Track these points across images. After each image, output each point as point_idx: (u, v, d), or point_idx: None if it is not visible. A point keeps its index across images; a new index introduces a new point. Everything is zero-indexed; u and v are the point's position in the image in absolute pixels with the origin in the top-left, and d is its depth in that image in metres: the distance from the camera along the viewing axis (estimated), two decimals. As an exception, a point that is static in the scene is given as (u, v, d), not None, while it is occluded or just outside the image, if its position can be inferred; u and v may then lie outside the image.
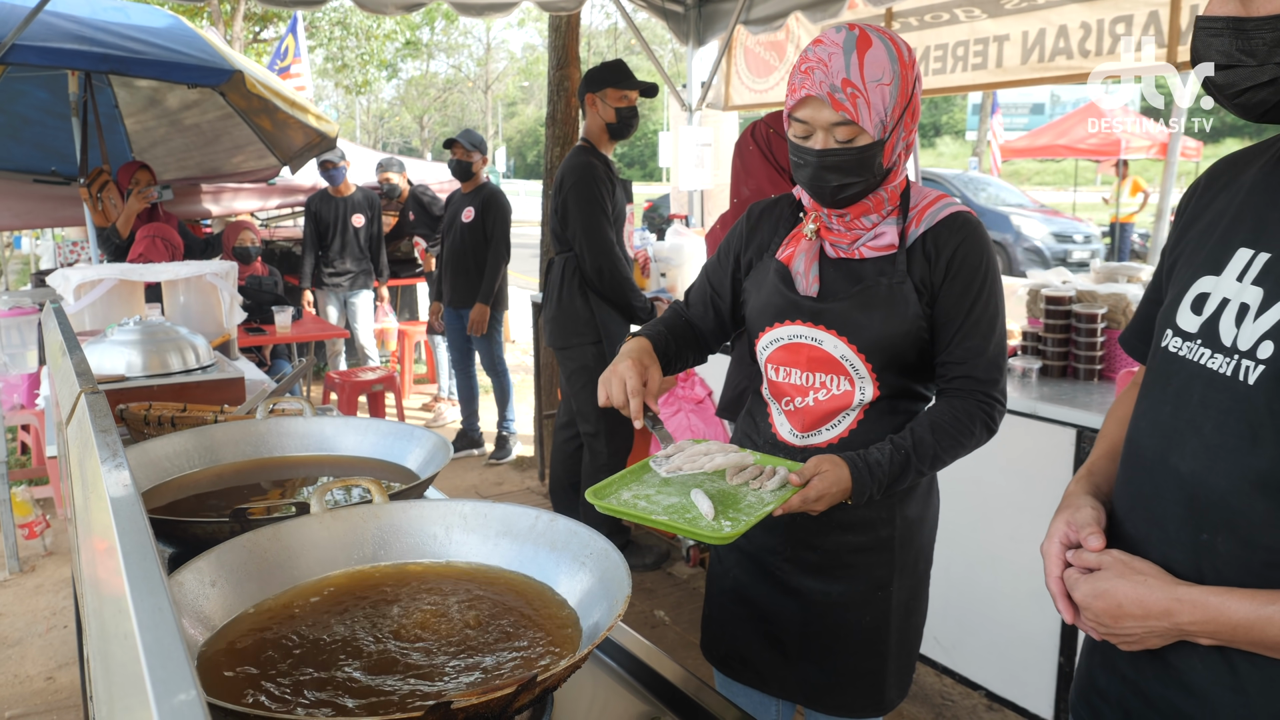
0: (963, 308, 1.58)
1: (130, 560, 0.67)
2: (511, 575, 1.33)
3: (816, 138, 1.53)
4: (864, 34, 1.50)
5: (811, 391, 1.65)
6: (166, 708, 0.50)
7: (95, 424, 1.04)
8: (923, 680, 3.17)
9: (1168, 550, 1.10)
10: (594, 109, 3.91)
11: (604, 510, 1.42)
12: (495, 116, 39.51)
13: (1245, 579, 1.02)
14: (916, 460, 1.55)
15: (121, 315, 3.27)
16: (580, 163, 3.84)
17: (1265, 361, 1.01)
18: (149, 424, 2.13)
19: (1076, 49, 3.86)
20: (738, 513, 1.40)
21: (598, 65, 4.00)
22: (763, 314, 1.68)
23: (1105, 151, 14.35)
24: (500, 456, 5.90)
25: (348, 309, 6.67)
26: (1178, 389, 1.11)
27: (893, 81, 1.49)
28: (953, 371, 1.60)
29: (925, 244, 1.59)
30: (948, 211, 1.61)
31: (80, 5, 4.69)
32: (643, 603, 3.87)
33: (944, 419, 1.58)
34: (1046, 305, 3.03)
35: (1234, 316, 1.06)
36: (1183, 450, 1.09)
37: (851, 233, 1.62)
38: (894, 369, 1.61)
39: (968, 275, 1.58)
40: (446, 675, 1.07)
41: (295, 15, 9.44)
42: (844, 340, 1.60)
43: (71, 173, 5.75)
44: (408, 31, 23.04)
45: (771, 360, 1.69)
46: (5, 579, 4.10)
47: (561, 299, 3.91)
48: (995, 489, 2.88)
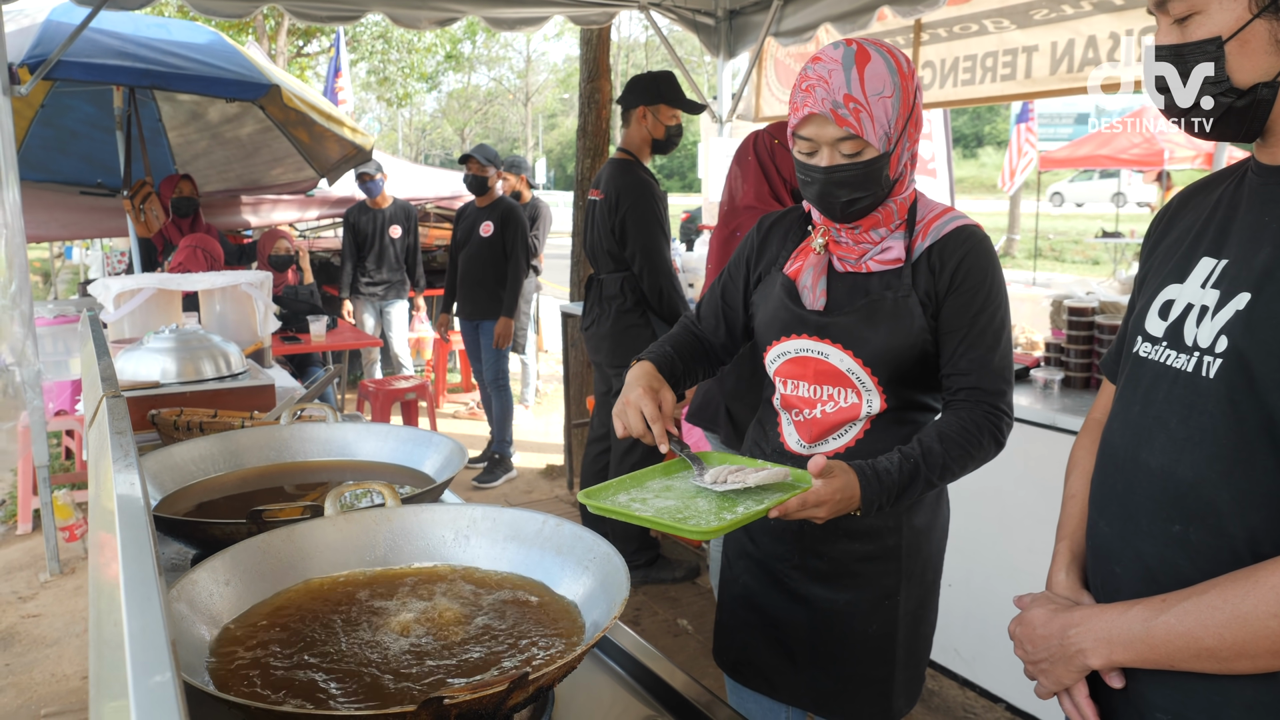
0: (966, 318, 1.59)
1: (127, 551, 0.71)
2: (516, 577, 1.36)
3: (822, 154, 1.54)
4: (862, 48, 1.51)
5: (819, 404, 1.66)
6: (143, 687, 0.53)
7: (112, 426, 1.08)
8: (945, 693, 3.16)
9: (1141, 544, 1.16)
10: (642, 122, 3.86)
11: (595, 510, 1.42)
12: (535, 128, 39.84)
13: (1218, 568, 1.06)
14: (926, 470, 1.54)
15: (160, 323, 3.35)
16: (635, 181, 3.80)
17: (1222, 355, 1.07)
18: (179, 429, 2.19)
19: (1106, 59, 3.84)
20: (733, 514, 1.40)
21: (648, 76, 3.92)
22: (770, 327, 1.70)
23: (1148, 162, 14.13)
24: (489, 480, 5.63)
25: (383, 318, 6.77)
26: (1146, 389, 1.18)
27: (894, 94, 1.51)
28: (958, 383, 1.60)
29: (930, 257, 1.60)
30: (953, 225, 1.62)
31: (124, 22, 4.83)
32: (667, 611, 3.88)
33: (951, 429, 1.57)
34: (1069, 316, 3.01)
35: (1195, 318, 1.12)
36: (1151, 446, 1.15)
37: (860, 246, 1.64)
38: (900, 382, 1.62)
39: (972, 287, 1.58)
40: (443, 672, 1.10)
41: (339, 30, 9.62)
42: (849, 354, 1.61)
43: (116, 185, 5.91)
44: (448, 45, 23.34)
45: (780, 373, 1.71)
46: (46, 580, 4.21)
47: (618, 318, 3.90)
48: (1016, 500, 2.87)
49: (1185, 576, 1.09)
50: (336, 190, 7.09)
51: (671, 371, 1.71)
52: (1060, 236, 22.50)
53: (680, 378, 1.73)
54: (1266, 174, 1.13)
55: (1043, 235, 21.59)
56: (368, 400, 6.02)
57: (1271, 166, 1.12)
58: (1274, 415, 1.03)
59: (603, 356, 4.01)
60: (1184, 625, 1.03)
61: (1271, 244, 1.07)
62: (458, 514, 1.46)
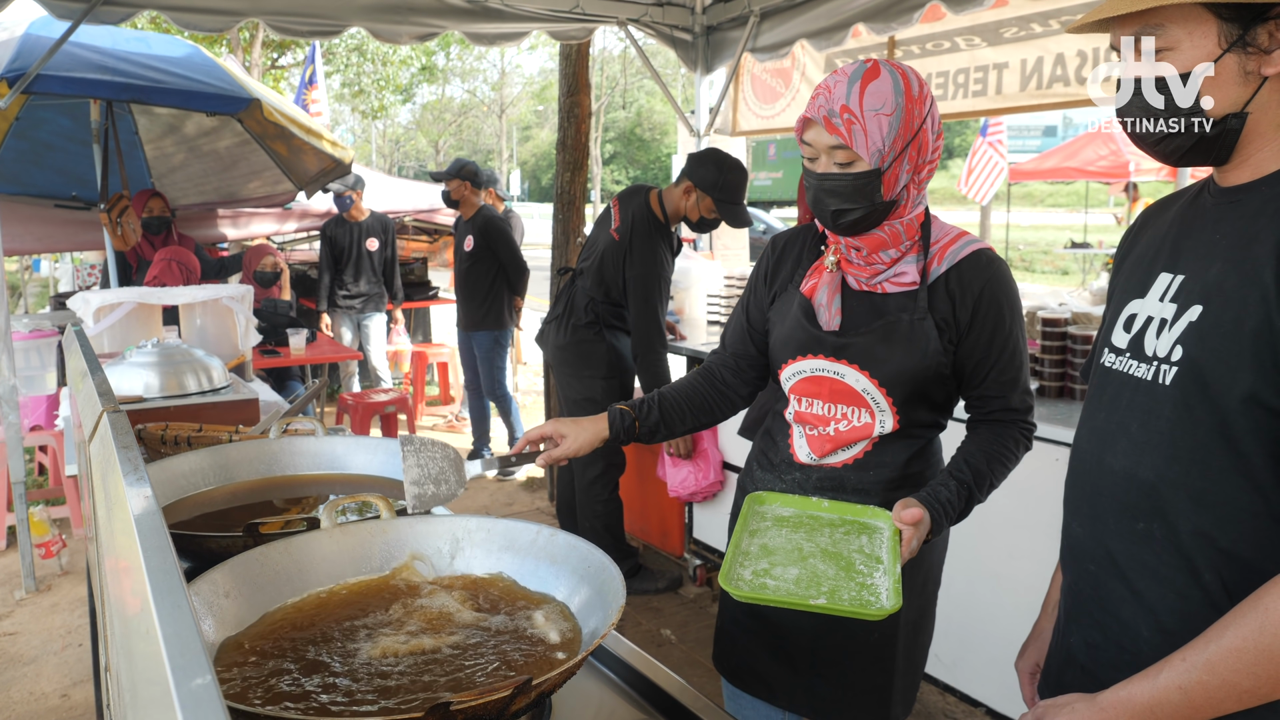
0: (996, 345, 1.64)
1: (151, 562, 0.73)
2: (512, 585, 1.38)
3: (820, 161, 1.58)
4: (875, 66, 1.55)
5: (833, 422, 1.69)
6: (185, 690, 0.55)
7: (118, 440, 1.10)
8: (926, 699, 3.20)
9: (1110, 541, 1.24)
10: (689, 196, 3.75)
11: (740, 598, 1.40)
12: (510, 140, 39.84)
13: (1178, 560, 1.16)
14: (977, 492, 1.62)
15: (140, 338, 3.35)
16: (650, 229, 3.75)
17: (1177, 363, 1.15)
18: (166, 444, 2.20)
19: (1074, 76, 3.93)
20: (865, 577, 1.42)
21: (715, 158, 3.75)
22: (786, 347, 1.71)
23: (1114, 174, 14.37)
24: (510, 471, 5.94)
25: (361, 331, 6.76)
26: (1110, 397, 1.26)
27: (894, 112, 1.53)
28: (991, 405, 1.68)
29: (949, 282, 1.63)
30: (970, 250, 1.65)
31: (102, 36, 4.81)
32: (650, 621, 3.90)
33: (996, 448, 1.65)
34: (1043, 327, 3.07)
35: (1155, 330, 1.20)
36: (1115, 450, 1.23)
37: (870, 267, 1.66)
38: (914, 402, 1.65)
39: (996, 314, 1.63)
40: (447, 678, 1.12)
41: (314, 43, 9.60)
42: (865, 374, 1.64)
43: (92, 198, 5.87)
44: (423, 57, 23.31)
45: (794, 391, 1.73)
46: (22, 598, 4.17)
47: (577, 329, 3.93)
48: (994, 507, 2.89)
49: (1151, 569, 1.18)
50: (315, 203, 7.08)
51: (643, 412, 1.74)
52: (1030, 247, 22.80)
53: (659, 421, 1.76)
54: (1220, 195, 1.21)
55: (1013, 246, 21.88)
56: (347, 414, 6.01)
57: (1226, 188, 1.20)
58: (1225, 419, 1.10)
59: (559, 363, 4.07)
60: (1218, 679, 1.05)
61: (1222, 259, 1.14)
62: (452, 525, 1.48)
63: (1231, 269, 1.12)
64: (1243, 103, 1.11)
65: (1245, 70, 1.10)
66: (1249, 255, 1.11)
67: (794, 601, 1.37)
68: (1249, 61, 1.09)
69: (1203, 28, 1.10)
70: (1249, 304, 1.08)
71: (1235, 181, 1.19)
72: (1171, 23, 1.11)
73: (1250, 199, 1.15)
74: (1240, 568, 1.11)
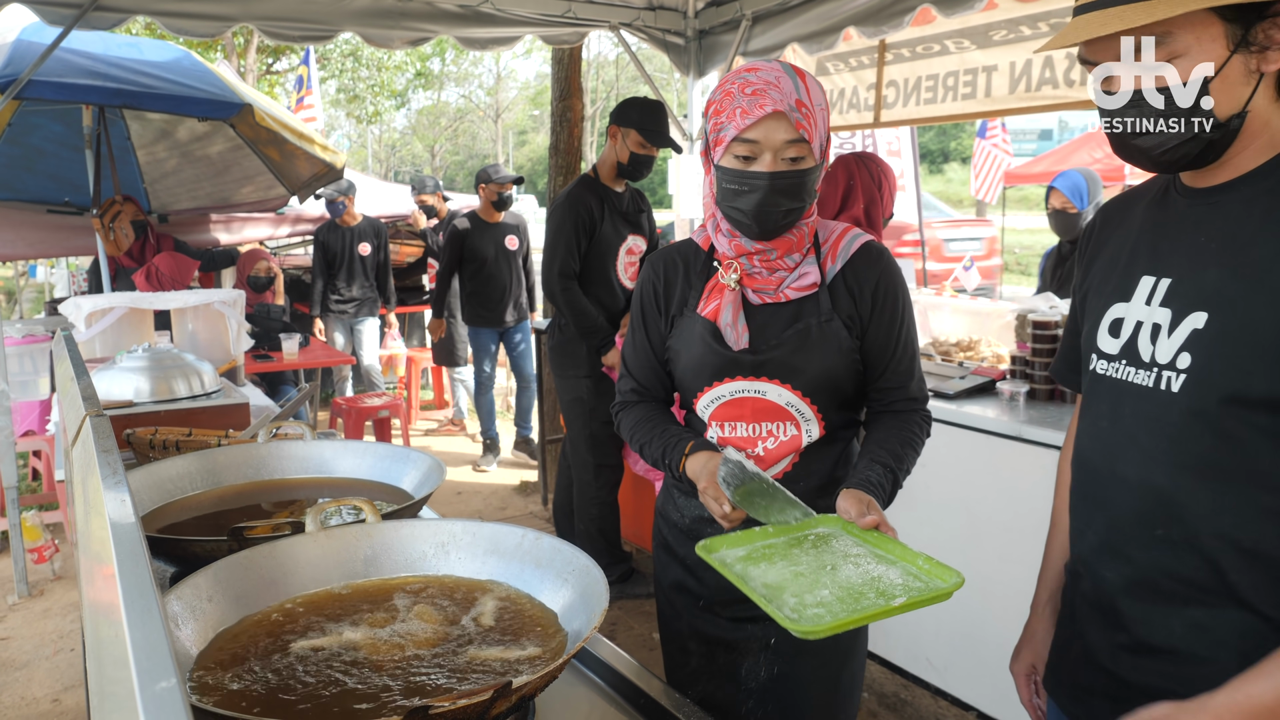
0: (893, 336, 1.66)
1: (124, 566, 0.73)
2: (497, 588, 1.39)
3: (764, 160, 1.50)
4: (792, 65, 1.55)
5: (760, 441, 1.65)
6: (149, 693, 0.55)
7: (98, 445, 1.10)
8: (918, 702, 3.20)
9: (1130, 550, 1.24)
10: (614, 141, 3.86)
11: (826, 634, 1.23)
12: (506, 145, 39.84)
13: (1200, 563, 1.16)
14: (900, 476, 1.61)
15: (131, 342, 3.34)
16: (567, 193, 3.91)
17: (1186, 370, 1.15)
18: (154, 448, 2.19)
19: (1062, 79, 3.94)
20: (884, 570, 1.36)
21: (637, 100, 3.89)
22: (699, 375, 1.66)
23: (1110, 176, 14.39)
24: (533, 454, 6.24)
25: (354, 336, 6.76)
26: (1111, 405, 1.26)
27: (825, 109, 1.55)
28: (892, 396, 1.69)
29: (846, 279, 1.64)
30: (859, 243, 1.66)
31: (95, 42, 4.81)
32: (641, 626, 3.90)
33: (906, 434, 1.65)
34: (1034, 330, 3.08)
35: (1149, 335, 1.20)
36: (1126, 460, 1.23)
37: (775, 275, 1.62)
38: (835, 405, 1.65)
39: (891, 305, 1.65)
40: (427, 681, 1.12)
41: (308, 48, 9.61)
42: (787, 387, 1.62)
43: (84, 203, 5.86)
44: (418, 62, 23.35)
45: (715, 418, 1.67)
46: (15, 603, 4.16)
47: (564, 329, 3.96)
48: (984, 511, 2.92)
49: (1174, 573, 1.19)
50: (308, 208, 7.08)
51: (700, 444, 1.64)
52: (1025, 250, 22.81)
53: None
54: (1193, 196, 1.21)
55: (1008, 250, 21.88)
56: (340, 418, 6.01)
57: (1199, 189, 1.20)
58: (1240, 422, 1.11)
59: (550, 364, 4.14)
60: None
61: (1216, 264, 1.15)
62: (437, 529, 1.48)
63: (1229, 274, 1.12)
64: (1244, 102, 1.12)
65: (1249, 69, 1.10)
66: (1246, 259, 1.11)
67: (877, 614, 1.25)
68: (1250, 60, 1.10)
69: (1210, 31, 1.09)
70: (1257, 308, 1.09)
71: (1209, 182, 1.19)
72: (1179, 29, 1.10)
73: (1229, 199, 1.16)
74: (1265, 566, 1.13)
